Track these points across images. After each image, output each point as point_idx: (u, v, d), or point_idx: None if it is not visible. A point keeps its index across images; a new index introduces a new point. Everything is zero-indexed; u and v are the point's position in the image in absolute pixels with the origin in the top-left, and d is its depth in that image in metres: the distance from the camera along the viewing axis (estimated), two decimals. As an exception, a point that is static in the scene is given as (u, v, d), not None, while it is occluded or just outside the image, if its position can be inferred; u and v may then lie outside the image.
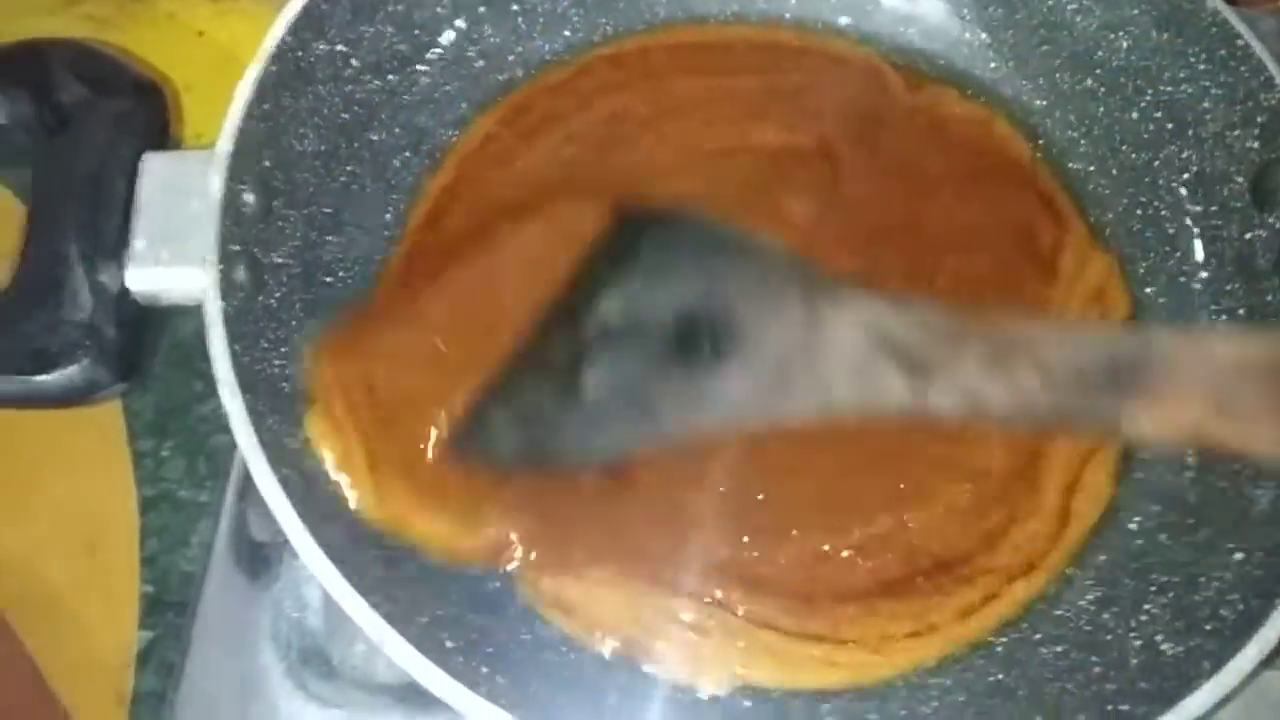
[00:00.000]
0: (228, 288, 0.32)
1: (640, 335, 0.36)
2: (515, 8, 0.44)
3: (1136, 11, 0.42)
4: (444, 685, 0.28)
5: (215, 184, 0.33)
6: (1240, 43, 0.39)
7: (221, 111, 0.35)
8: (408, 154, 0.42)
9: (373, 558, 0.32)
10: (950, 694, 0.35)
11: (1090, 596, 0.36)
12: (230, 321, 0.31)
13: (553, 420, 0.36)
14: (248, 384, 0.31)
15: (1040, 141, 0.44)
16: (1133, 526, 0.37)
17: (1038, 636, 0.36)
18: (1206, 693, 0.29)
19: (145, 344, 0.33)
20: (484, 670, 0.31)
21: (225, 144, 0.34)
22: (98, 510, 0.44)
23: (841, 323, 0.34)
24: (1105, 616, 0.35)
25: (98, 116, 0.34)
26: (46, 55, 0.35)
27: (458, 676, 0.28)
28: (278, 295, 0.35)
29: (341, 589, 0.28)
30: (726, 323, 0.35)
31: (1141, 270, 0.42)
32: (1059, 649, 0.35)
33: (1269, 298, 0.38)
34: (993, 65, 0.46)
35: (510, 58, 0.45)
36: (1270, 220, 0.38)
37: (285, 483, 0.30)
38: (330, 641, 0.37)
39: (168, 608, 0.42)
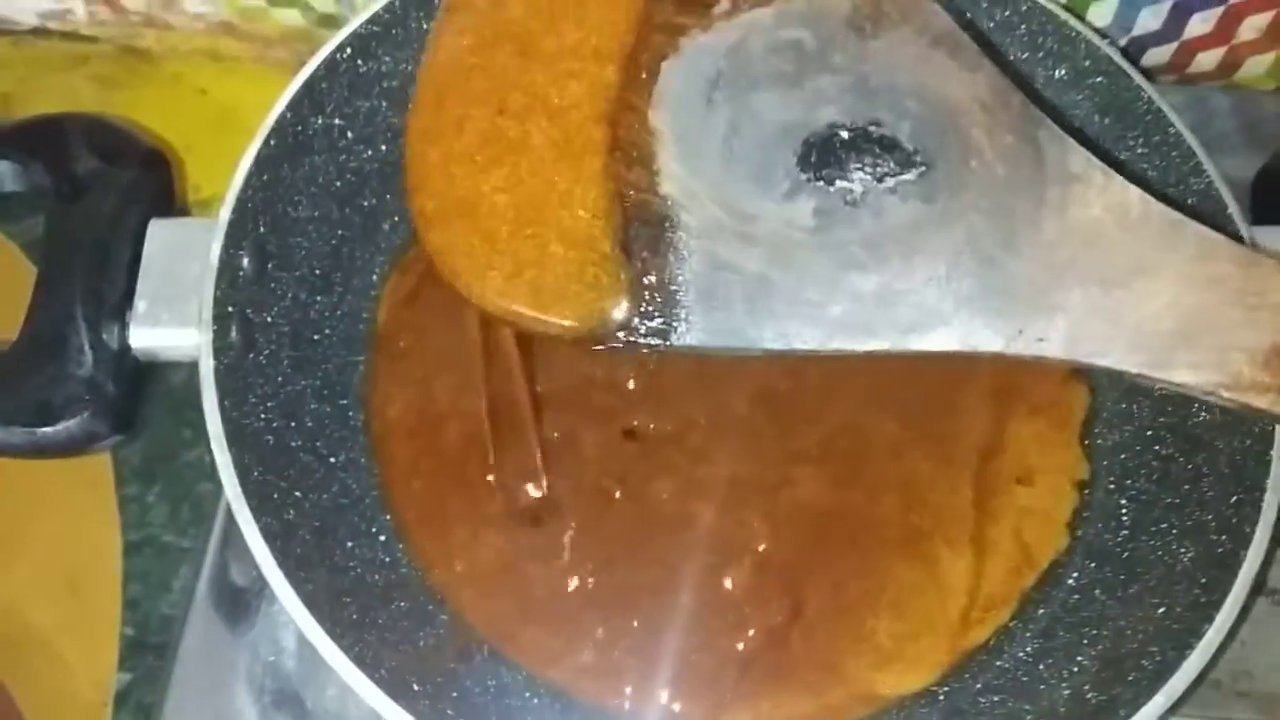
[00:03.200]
0: (221, 347, 0.34)
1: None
2: (501, 82, 0.47)
3: (1080, 97, 0.44)
4: (410, 726, 0.30)
5: (214, 251, 0.35)
6: (1173, 130, 0.41)
7: (222, 168, 0.37)
8: (396, 218, 0.45)
9: (347, 604, 0.34)
10: (894, 742, 0.37)
11: (1029, 648, 0.38)
12: (221, 378, 0.34)
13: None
14: (235, 437, 0.33)
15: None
16: (1071, 582, 0.39)
17: (978, 686, 0.38)
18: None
19: (141, 398, 0.36)
20: (448, 713, 0.33)
21: (226, 213, 0.36)
22: (82, 553, 0.46)
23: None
24: (1041, 667, 0.37)
25: (109, 185, 0.37)
26: (64, 128, 0.38)
27: (422, 718, 0.30)
28: (267, 353, 0.38)
29: (317, 634, 0.30)
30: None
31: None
32: (996, 698, 0.37)
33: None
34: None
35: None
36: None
37: (267, 531, 0.32)
38: (304, 685, 0.39)
39: (148, 650, 0.43)
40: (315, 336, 0.41)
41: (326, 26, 0.54)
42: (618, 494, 0.39)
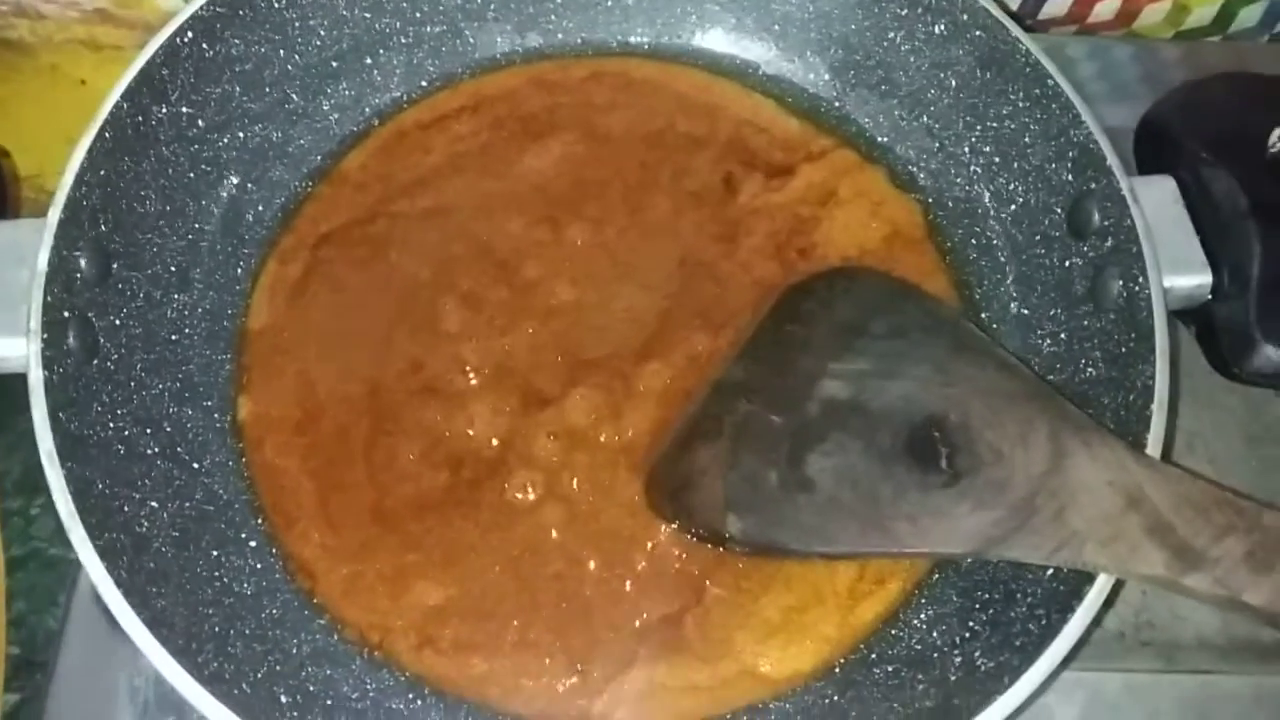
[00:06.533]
0: (54, 356, 0.32)
1: (869, 424, 0.35)
2: (368, 60, 0.45)
3: (961, 52, 0.44)
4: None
5: (42, 255, 0.33)
6: (1051, 82, 0.41)
7: None
8: (260, 208, 0.43)
9: (208, 616, 0.33)
10: (789, 718, 0.36)
11: (923, 615, 0.38)
12: (55, 389, 0.32)
13: (774, 496, 0.36)
14: (72, 451, 0.31)
15: (886, 174, 0.46)
16: (964, 548, 0.39)
17: (873, 656, 0.37)
18: (999, 706, 0.31)
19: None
20: (319, 722, 0.32)
21: (55, 213, 0.34)
22: None
23: (1091, 475, 0.33)
24: (934, 635, 0.37)
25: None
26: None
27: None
28: (115, 357, 0.36)
29: (160, 656, 0.29)
30: (965, 438, 0.34)
31: (977, 296, 0.44)
32: (890, 668, 0.37)
33: (1084, 322, 0.40)
34: (838, 104, 0.47)
35: (365, 109, 0.46)
36: (1084, 248, 0.40)
37: (109, 548, 0.30)
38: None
39: (35, 669, 0.41)
40: (173, 337, 0.39)
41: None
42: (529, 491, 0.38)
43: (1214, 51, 0.56)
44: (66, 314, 0.34)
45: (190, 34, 0.38)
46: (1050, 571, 0.35)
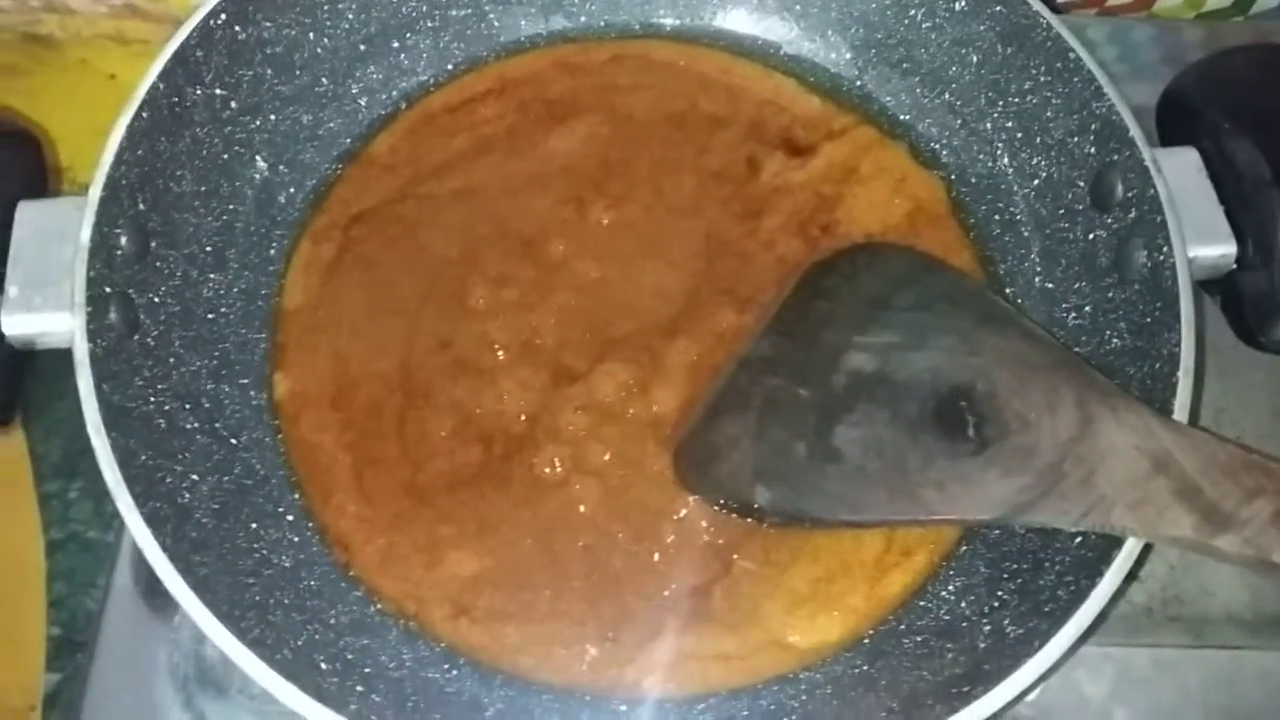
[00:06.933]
0: (97, 330, 0.33)
1: (895, 394, 0.36)
2: (395, 44, 0.46)
3: (983, 28, 0.44)
4: (308, 706, 0.29)
5: (85, 231, 0.34)
6: (1073, 55, 0.41)
7: None
8: (291, 190, 0.43)
9: (249, 585, 0.34)
10: (818, 687, 0.36)
11: (951, 586, 0.38)
12: (99, 362, 0.32)
13: (802, 466, 0.36)
14: (116, 422, 0.32)
15: (909, 150, 0.46)
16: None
17: (902, 627, 0.38)
18: (1029, 669, 0.31)
19: (21, 386, 0.34)
20: (358, 689, 0.32)
21: (96, 191, 0.35)
22: (3, 555, 0.44)
23: (1118, 439, 0.33)
24: (963, 605, 0.37)
25: (-31, 170, 0.36)
26: (-80, 113, 0.36)
27: (325, 698, 0.30)
28: (155, 334, 0.36)
29: (203, 616, 0.30)
30: (992, 406, 0.35)
31: (1002, 271, 0.44)
32: (919, 638, 0.37)
33: (1109, 294, 0.40)
34: (859, 82, 0.48)
35: (393, 93, 0.46)
36: (1108, 220, 0.40)
37: (154, 516, 0.31)
38: (227, 670, 0.38)
39: (76, 649, 0.42)
40: (210, 315, 0.39)
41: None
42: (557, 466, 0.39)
43: (1236, 32, 0.56)
44: (108, 289, 0.34)
45: (223, 16, 0.39)
46: (1078, 540, 0.35)
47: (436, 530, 0.38)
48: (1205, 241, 0.38)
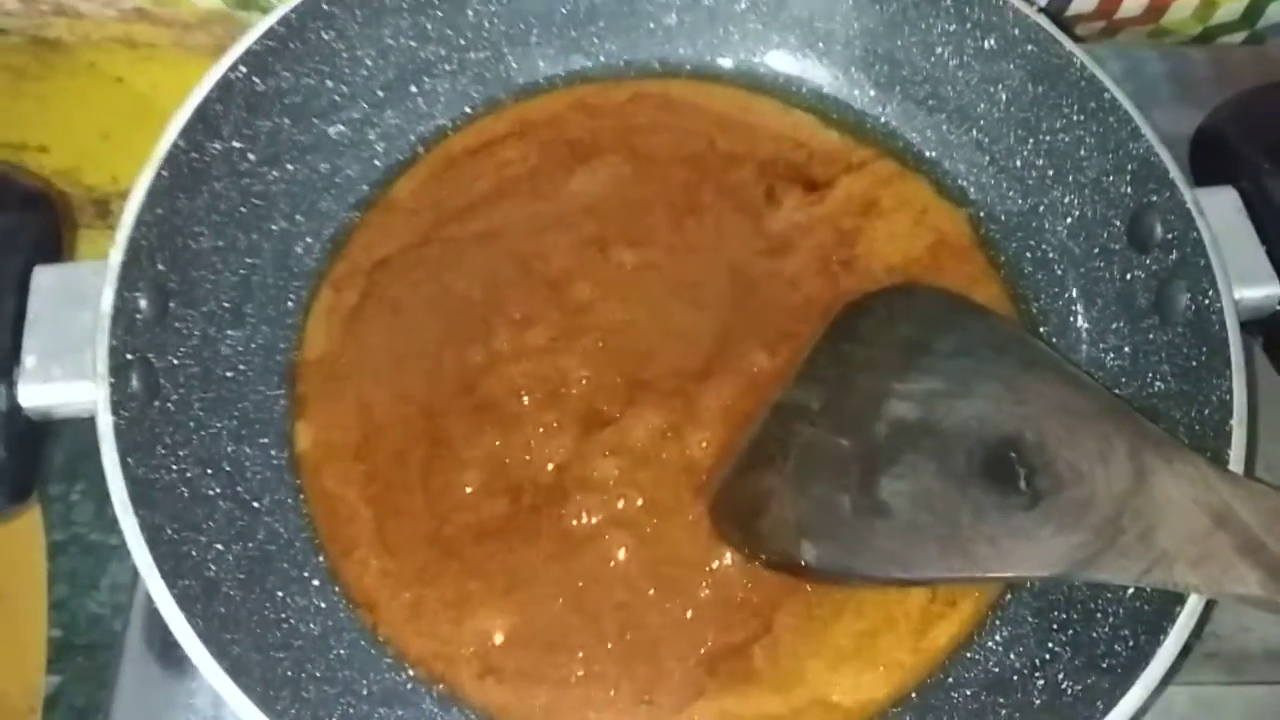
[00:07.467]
0: (121, 399, 0.32)
1: (941, 445, 0.35)
2: (413, 89, 0.45)
3: (1012, 66, 0.43)
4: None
5: (107, 297, 0.33)
6: (1107, 95, 0.40)
7: (141, 158, 0.35)
8: (308, 239, 0.42)
9: (279, 660, 0.32)
10: (867, 747, 0.36)
11: (998, 636, 0.37)
12: (123, 433, 0.31)
13: (849, 522, 0.35)
14: (142, 497, 0.31)
15: (931, 184, 0.46)
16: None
17: (950, 680, 0.37)
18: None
19: (40, 460, 0.33)
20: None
21: (116, 255, 0.34)
22: (4, 557, 0.44)
23: (1176, 492, 0.32)
24: (1012, 657, 0.36)
25: (-17, 233, 0.34)
26: (-70, 172, 0.35)
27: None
28: (175, 398, 0.35)
29: (240, 702, 0.28)
30: (1042, 458, 0.34)
31: (1035, 310, 0.44)
32: (969, 692, 0.36)
33: (1150, 336, 0.40)
34: (882, 119, 0.47)
35: (411, 138, 0.45)
36: (1147, 261, 0.40)
37: (184, 596, 0.30)
38: None
39: (77, 651, 0.42)
40: (228, 374, 0.38)
41: (245, 9, 0.51)
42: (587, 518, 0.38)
43: (1244, 63, 0.55)
44: (129, 356, 0.33)
45: (243, 68, 0.38)
46: (1131, 590, 0.35)
47: (464, 585, 0.37)
48: (1249, 283, 0.38)
